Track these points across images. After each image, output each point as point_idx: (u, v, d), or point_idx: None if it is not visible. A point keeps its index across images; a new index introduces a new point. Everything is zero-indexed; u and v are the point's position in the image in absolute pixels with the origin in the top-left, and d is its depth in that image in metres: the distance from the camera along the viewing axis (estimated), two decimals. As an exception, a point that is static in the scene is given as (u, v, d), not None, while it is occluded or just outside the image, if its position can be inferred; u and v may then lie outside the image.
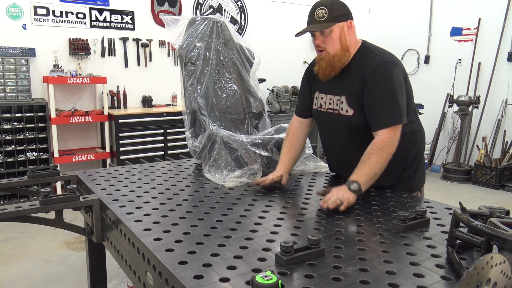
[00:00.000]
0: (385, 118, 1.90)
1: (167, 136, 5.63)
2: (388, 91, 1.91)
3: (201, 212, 1.73)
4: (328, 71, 2.00)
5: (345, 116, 2.02)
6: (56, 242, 3.96)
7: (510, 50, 6.14)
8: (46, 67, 5.24)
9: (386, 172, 1.96)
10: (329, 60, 1.96)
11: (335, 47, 1.95)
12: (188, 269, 1.21)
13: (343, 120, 2.04)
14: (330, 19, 1.91)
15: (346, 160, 2.13)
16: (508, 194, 5.67)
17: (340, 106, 2.03)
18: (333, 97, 2.07)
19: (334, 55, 1.95)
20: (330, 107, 2.09)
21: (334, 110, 2.07)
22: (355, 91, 1.98)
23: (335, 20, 1.92)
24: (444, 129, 6.99)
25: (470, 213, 1.35)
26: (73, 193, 1.82)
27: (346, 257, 1.31)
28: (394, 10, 7.65)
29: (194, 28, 2.64)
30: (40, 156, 5.08)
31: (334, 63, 1.97)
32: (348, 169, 1.92)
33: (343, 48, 1.96)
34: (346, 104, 2.01)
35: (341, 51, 1.95)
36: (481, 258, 0.78)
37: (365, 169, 1.85)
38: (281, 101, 6.64)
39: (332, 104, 2.08)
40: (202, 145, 2.42)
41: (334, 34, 1.93)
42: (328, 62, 1.97)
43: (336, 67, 1.98)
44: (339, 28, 1.94)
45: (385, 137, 1.88)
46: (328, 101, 2.10)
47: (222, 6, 6.56)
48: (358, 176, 1.84)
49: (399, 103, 1.91)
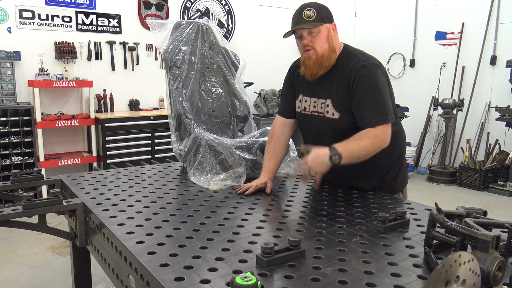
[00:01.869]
0: (374, 117, 1.92)
1: (154, 139, 5.62)
2: (375, 91, 1.94)
3: (185, 215, 1.74)
4: (315, 70, 2.01)
5: (331, 119, 2.04)
6: (41, 247, 3.93)
7: (493, 54, 6.26)
8: (31, 71, 5.20)
9: (370, 174, 1.99)
10: (317, 58, 1.97)
11: (323, 47, 1.97)
12: (169, 271, 1.22)
13: (328, 123, 2.06)
14: (318, 19, 1.95)
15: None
16: (491, 195, 5.76)
17: (326, 109, 2.05)
18: (317, 100, 2.09)
19: (323, 54, 1.97)
20: (315, 110, 2.11)
21: (319, 113, 2.09)
22: (340, 94, 2.01)
23: (323, 20, 1.96)
24: (430, 131, 7.10)
25: (447, 213, 1.39)
26: (56, 197, 1.81)
27: (326, 258, 1.33)
28: (380, 15, 7.75)
29: (180, 32, 2.66)
30: (25, 161, 5.03)
31: (322, 61, 1.98)
32: (331, 171, 1.94)
33: (330, 48, 1.99)
34: (332, 107, 2.03)
35: (328, 51, 1.98)
36: (449, 256, 0.81)
37: (353, 146, 1.86)
38: (268, 104, 6.67)
39: (317, 107, 2.10)
40: (187, 149, 2.43)
41: (322, 34, 1.97)
42: (316, 61, 1.98)
43: (324, 65, 2.00)
44: (326, 29, 1.98)
45: (378, 130, 1.90)
46: (313, 104, 2.12)
47: (209, 10, 6.58)
48: (345, 149, 1.83)
49: (385, 102, 1.94)
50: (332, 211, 1.80)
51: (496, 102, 6.13)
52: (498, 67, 6.21)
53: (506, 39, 6.13)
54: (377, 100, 1.93)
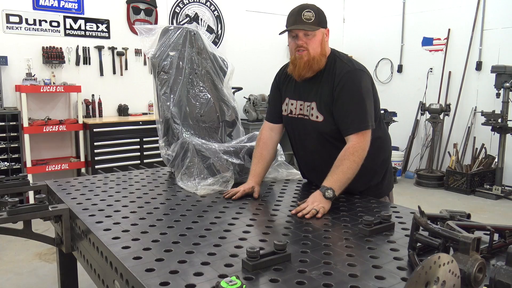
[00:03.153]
0: (354, 123, 1.96)
1: (143, 144, 5.60)
2: (357, 98, 1.98)
3: (172, 220, 1.74)
4: (304, 71, 2.04)
5: (315, 122, 2.08)
6: (27, 253, 3.88)
7: (478, 60, 6.36)
8: (18, 76, 5.15)
9: (357, 177, 2.02)
10: (308, 60, 2.01)
11: (316, 50, 2.01)
12: (154, 276, 1.22)
13: (313, 126, 2.09)
14: (316, 23, 2.00)
15: (316, 165, 2.18)
16: (478, 199, 5.83)
17: (311, 112, 2.09)
18: (303, 103, 2.12)
19: (314, 57, 2.01)
20: (301, 113, 2.14)
21: (304, 116, 2.12)
22: (324, 98, 2.04)
23: (320, 24, 2.02)
24: (417, 136, 7.17)
25: (431, 217, 1.41)
26: (42, 203, 1.80)
27: (311, 261, 1.35)
28: (368, 21, 7.83)
29: (167, 37, 2.66)
30: (12, 166, 4.97)
31: (313, 64, 2.02)
32: (319, 174, 1.96)
33: (321, 53, 2.04)
34: (316, 110, 2.06)
35: (320, 55, 2.03)
36: (429, 258, 0.83)
37: (338, 174, 1.91)
38: (258, 109, 6.69)
39: (302, 110, 2.13)
40: (175, 154, 2.43)
41: (317, 38, 2.01)
42: (306, 63, 2.02)
43: (313, 68, 2.04)
44: (321, 33, 2.03)
45: (355, 142, 1.95)
46: (299, 107, 2.15)
47: (198, 15, 6.59)
48: (332, 182, 1.89)
49: (367, 109, 1.98)
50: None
51: (482, 107, 6.21)
52: (483, 73, 6.31)
53: (491, 45, 6.23)
54: (359, 107, 1.98)
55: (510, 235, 1.41)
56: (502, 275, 0.98)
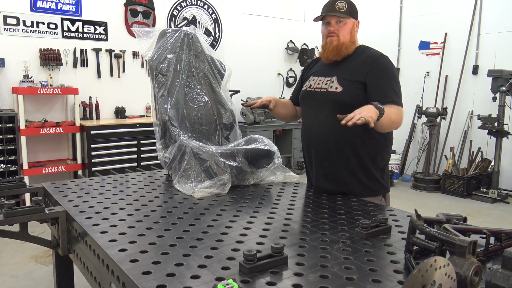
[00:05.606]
0: (396, 97, 2.10)
1: (140, 147, 5.59)
2: (392, 77, 2.16)
3: (169, 222, 1.74)
4: (332, 55, 2.22)
5: (332, 92, 2.19)
6: (23, 256, 3.86)
7: (475, 64, 6.40)
8: (15, 78, 5.15)
9: (355, 174, 2.05)
10: (337, 45, 2.19)
11: (345, 37, 2.21)
12: (151, 279, 1.22)
13: (329, 97, 2.20)
14: (348, 13, 2.20)
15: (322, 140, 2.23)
16: (474, 202, 5.85)
17: (330, 84, 2.22)
18: (324, 78, 2.27)
19: (343, 43, 2.20)
20: (318, 87, 2.27)
21: (321, 89, 2.25)
22: (348, 72, 2.18)
23: (351, 14, 2.22)
24: (414, 139, 7.19)
25: (427, 220, 1.41)
26: (38, 205, 1.80)
27: (308, 264, 1.35)
28: (365, 25, 7.84)
29: (165, 40, 2.67)
30: (8, 168, 4.96)
31: (341, 49, 2.20)
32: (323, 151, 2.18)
33: (351, 40, 2.22)
34: (336, 82, 2.20)
35: (349, 42, 2.21)
36: (425, 261, 0.83)
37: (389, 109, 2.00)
38: (255, 112, 6.69)
39: (321, 84, 2.26)
40: (172, 156, 2.42)
41: (348, 26, 2.21)
42: (336, 47, 2.20)
43: (341, 53, 2.21)
44: (352, 23, 2.23)
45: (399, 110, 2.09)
46: (318, 81, 2.29)
47: (196, 18, 6.60)
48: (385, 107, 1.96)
49: (399, 89, 2.15)
50: (316, 218, 1.81)
51: (478, 110, 6.24)
52: (480, 77, 6.35)
53: (487, 49, 6.27)
54: (396, 85, 2.14)
55: (506, 239, 1.42)
56: (498, 279, 0.98)
